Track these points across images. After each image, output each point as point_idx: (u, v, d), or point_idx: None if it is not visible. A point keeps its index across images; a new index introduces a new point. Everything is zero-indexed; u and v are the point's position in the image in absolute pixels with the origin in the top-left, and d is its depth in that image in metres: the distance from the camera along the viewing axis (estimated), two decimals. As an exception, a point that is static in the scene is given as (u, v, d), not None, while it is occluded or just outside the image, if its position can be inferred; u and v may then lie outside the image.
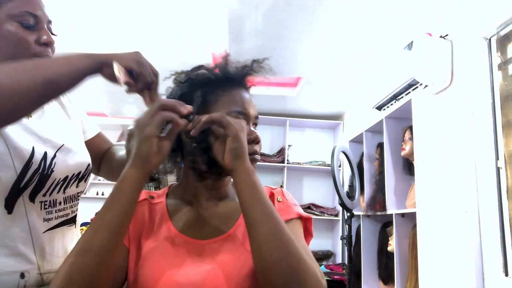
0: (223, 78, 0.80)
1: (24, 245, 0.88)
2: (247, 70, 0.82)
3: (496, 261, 1.75)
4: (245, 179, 0.67)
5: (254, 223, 0.64)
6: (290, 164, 4.21)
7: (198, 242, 0.74)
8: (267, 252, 0.62)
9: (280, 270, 0.61)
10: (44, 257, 0.92)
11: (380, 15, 2.31)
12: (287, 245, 0.62)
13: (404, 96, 2.43)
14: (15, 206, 0.87)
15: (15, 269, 0.86)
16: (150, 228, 0.77)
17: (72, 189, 0.99)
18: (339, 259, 3.93)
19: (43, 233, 0.92)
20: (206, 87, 0.79)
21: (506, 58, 1.86)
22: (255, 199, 0.65)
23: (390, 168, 2.42)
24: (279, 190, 0.83)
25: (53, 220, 0.95)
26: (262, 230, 0.63)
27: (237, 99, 0.79)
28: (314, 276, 0.62)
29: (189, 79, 0.80)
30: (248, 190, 0.66)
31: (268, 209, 0.65)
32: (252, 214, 0.64)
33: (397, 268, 2.18)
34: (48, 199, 0.93)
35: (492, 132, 1.86)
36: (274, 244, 0.62)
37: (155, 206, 0.80)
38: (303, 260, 0.62)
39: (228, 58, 0.82)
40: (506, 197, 1.77)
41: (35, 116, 0.95)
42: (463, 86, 2.06)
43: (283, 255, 0.61)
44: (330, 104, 4.01)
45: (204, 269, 0.69)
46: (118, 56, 0.79)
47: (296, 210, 0.78)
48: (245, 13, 2.33)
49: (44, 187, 0.91)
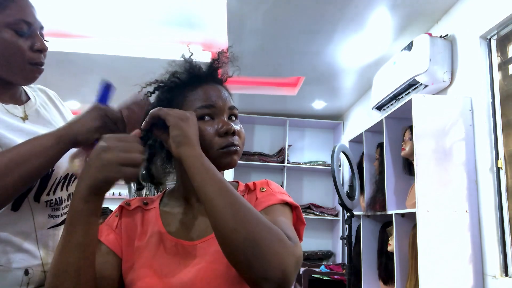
0: (188, 79, 0.80)
1: (29, 241, 0.90)
2: (213, 64, 0.82)
3: (496, 261, 1.75)
4: (192, 163, 0.66)
5: (207, 200, 0.63)
6: (290, 164, 4.20)
7: (189, 243, 0.74)
8: (223, 222, 0.61)
9: (238, 238, 0.59)
10: (48, 253, 0.93)
11: (380, 15, 2.31)
12: (243, 213, 0.62)
13: (404, 96, 2.43)
14: (21, 206, 0.89)
15: (20, 265, 0.88)
16: (143, 233, 0.78)
17: (74, 186, 1.00)
18: (339, 259, 3.93)
19: (47, 229, 0.94)
20: (174, 91, 0.80)
21: (506, 58, 1.86)
22: (205, 179, 0.65)
23: (390, 168, 2.42)
24: (263, 181, 0.82)
25: (59, 217, 0.97)
26: (216, 204, 0.62)
27: (202, 94, 0.78)
28: (278, 241, 0.61)
29: (159, 87, 0.81)
30: (198, 173, 0.65)
31: (221, 185, 0.64)
32: (205, 193, 0.64)
33: (397, 268, 2.18)
34: (52, 197, 0.95)
35: (492, 132, 1.86)
36: (229, 214, 0.61)
37: (148, 212, 0.81)
38: (262, 225, 0.61)
39: (192, 58, 0.82)
40: (506, 197, 1.77)
41: (31, 118, 0.96)
42: (463, 86, 2.06)
43: (238, 221, 0.60)
44: (330, 104, 4.01)
45: (194, 268, 0.70)
46: (78, 133, 0.83)
47: (279, 197, 0.76)
48: (245, 13, 2.33)
49: (47, 187, 0.93)
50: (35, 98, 1.03)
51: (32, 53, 0.91)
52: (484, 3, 1.92)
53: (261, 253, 0.59)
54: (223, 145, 0.75)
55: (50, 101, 1.08)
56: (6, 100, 0.95)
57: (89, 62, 3.12)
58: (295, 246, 0.63)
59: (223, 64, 0.82)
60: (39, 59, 0.93)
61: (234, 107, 0.81)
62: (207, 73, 0.81)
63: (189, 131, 0.69)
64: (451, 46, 2.18)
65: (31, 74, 0.94)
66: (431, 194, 1.88)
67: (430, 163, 1.91)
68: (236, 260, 0.61)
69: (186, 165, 0.67)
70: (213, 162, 0.70)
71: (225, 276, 0.68)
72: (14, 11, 0.88)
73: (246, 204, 0.64)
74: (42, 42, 0.93)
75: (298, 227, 0.78)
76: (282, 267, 0.59)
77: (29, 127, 0.93)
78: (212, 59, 0.82)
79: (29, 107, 0.99)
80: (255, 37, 2.63)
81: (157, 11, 2.53)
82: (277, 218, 0.69)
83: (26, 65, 0.91)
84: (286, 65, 3.08)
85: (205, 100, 0.77)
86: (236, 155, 0.77)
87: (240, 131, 0.79)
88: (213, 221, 0.63)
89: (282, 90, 3.73)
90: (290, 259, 0.60)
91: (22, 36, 0.89)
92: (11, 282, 0.86)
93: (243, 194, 0.81)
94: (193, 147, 0.68)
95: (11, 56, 0.89)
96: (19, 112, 0.95)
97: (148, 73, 0.78)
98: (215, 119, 0.77)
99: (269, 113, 4.36)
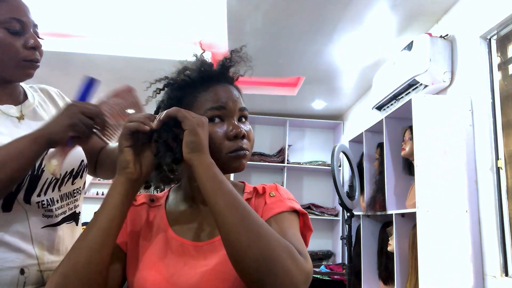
0: (198, 78, 0.78)
1: (24, 240, 0.90)
2: (226, 63, 0.80)
3: (496, 261, 1.75)
4: (204, 172, 0.66)
5: (219, 214, 0.63)
6: (290, 164, 4.20)
7: (195, 244, 0.74)
8: (236, 239, 0.60)
9: (251, 255, 0.59)
10: (43, 252, 0.93)
11: (380, 15, 2.31)
12: (255, 229, 0.61)
13: (404, 96, 2.43)
14: (13, 206, 0.89)
15: (15, 264, 0.87)
16: (148, 231, 0.78)
17: (68, 187, 1.00)
18: (339, 259, 3.93)
19: (41, 228, 0.93)
20: (185, 90, 0.78)
21: (506, 58, 1.86)
22: (216, 190, 0.64)
23: (390, 168, 2.42)
24: (272, 186, 0.81)
25: (53, 217, 0.96)
26: (228, 219, 0.62)
27: (213, 95, 0.76)
28: (290, 257, 0.60)
29: (169, 85, 0.80)
30: (209, 183, 0.65)
31: (232, 198, 0.64)
32: (216, 205, 0.63)
33: (397, 268, 2.18)
34: (43, 198, 0.94)
35: (492, 132, 1.86)
36: (241, 230, 0.60)
37: (154, 209, 0.81)
38: (274, 241, 0.61)
39: (204, 57, 0.81)
40: (506, 197, 1.77)
41: (27, 118, 0.97)
42: (463, 86, 2.07)
43: (252, 239, 0.60)
44: (330, 104, 4.01)
45: (200, 270, 0.69)
46: (52, 132, 0.83)
47: (289, 204, 0.75)
48: (245, 13, 2.33)
49: (36, 188, 0.92)
50: (34, 97, 1.03)
51: (26, 50, 0.92)
52: (484, 3, 1.92)
53: (274, 270, 0.59)
54: (232, 149, 0.74)
55: (50, 100, 1.08)
56: (3, 100, 0.95)
57: (89, 62, 3.12)
58: (305, 261, 0.63)
59: (235, 63, 0.80)
60: (33, 56, 0.94)
61: (245, 108, 0.79)
62: (218, 73, 0.79)
63: (203, 138, 0.68)
64: (451, 46, 2.18)
65: (26, 71, 0.95)
66: (431, 194, 1.88)
67: (430, 163, 1.91)
68: (248, 276, 0.61)
69: (196, 172, 0.66)
70: (221, 165, 0.70)
71: (232, 280, 0.67)
72: (5, 10, 0.90)
73: (258, 219, 0.63)
74: (35, 39, 0.94)
75: (305, 233, 0.78)
76: (293, 285, 0.59)
77: (24, 126, 0.93)
78: (224, 58, 0.80)
79: (26, 106, 0.99)
80: (255, 37, 2.63)
81: (157, 11, 2.53)
82: (287, 230, 0.69)
83: (21, 62, 0.92)
84: (286, 65, 3.08)
85: (216, 102, 0.75)
86: (244, 159, 0.76)
87: (249, 133, 0.78)
88: (225, 236, 0.62)
89: (282, 90, 3.73)
90: (301, 276, 0.60)
91: (15, 34, 0.91)
92: (7, 282, 0.86)
93: (251, 197, 0.80)
94: (205, 155, 0.67)
95: (5, 54, 0.90)
96: (14, 112, 0.96)
97: (148, 73, 0.78)
98: (225, 121, 0.76)
99: (269, 113, 4.36)
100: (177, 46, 2.94)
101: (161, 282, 0.69)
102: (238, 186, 0.84)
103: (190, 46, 2.93)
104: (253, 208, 0.77)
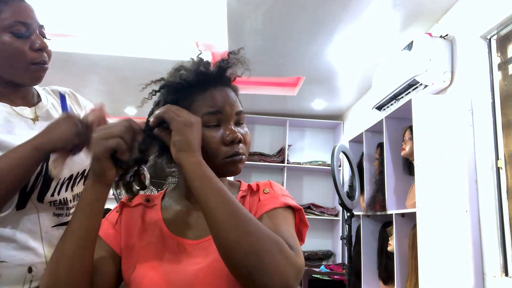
0: (195, 81, 0.76)
1: (33, 239, 0.91)
2: (223, 65, 0.78)
3: (496, 261, 1.75)
4: (193, 171, 0.66)
5: (208, 211, 0.63)
6: (290, 164, 4.20)
7: (190, 242, 0.75)
8: (225, 234, 0.61)
9: (240, 250, 0.60)
10: (51, 250, 0.93)
11: (380, 15, 2.31)
12: (244, 225, 0.62)
13: (404, 96, 2.43)
14: (26, 205, 0.90)
15: (23, 262, 0.89)
16: (143, 231, 0.78)
17: (80, 187, 1.02)
18: (339, 259, 3.93)
19: (52, 227, 0.95)
20: (181, 93, 0.76)
21: (506, 58, 1.86)
22: (205, 188, 0.65)
23: (390, 168, 2.42)
24: (266, 182, 0.81)
25: (64, 216, 0.98)
26: (218, 215, 0.62)
27: (209, 99, 0.75)
28: (280, 252, 0.61)
29: (165, 86, 0.78)
30: (198, 181, 0.66)
31: (221, 196, 0.64)
32: (205, 203, 0.64)
33: (397, 268, 2.18)
34: (57, 198, 0.96)
35: (492, 132, 1.86)
36: (230, 226, 0.61)
37: (150, 209, 0.81)
38: (264, 236, 0.61)
39: (201, 58, 0.79)
40: (506, 197, 1.77)
41: (41, 119, 0.98)
42: (463, 86, 2.07)
43: (241, 235, 0.61)
44: (330, 104, 4.01)
45: (195, 268, 0.70)
46: (58, 139, 0.84)
47: (282, 200, 0.76)
48: (245, 13, 2.33)
49: (50, 188, 0.93)
50: (47, 99, 1.04)
51: (33, 52, 0.92)
52: (484, 3, 1.92)
53: (263, 265, 0.59)
54: (228, 155, 0.74)
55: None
56: (17, 102, 0.96)
57: (89, 62, 3.12)
58: (296, 256, 0.63)
59: (232, 65, 0.79)
60: (41, 58, 0.94)
61: (241, 112, 0.78)
62: (215, 75, 0.78)
63: (191, 138, 0.68)
64: (451, 46, 2.18)
65: (35, 74, 0.95)
66: (431, 194, 1.88)
67: (430, 163, 1.91)
68: (238, 272, 0.62)
69: (185, 171, 0.67)
70: (217, 170, 0.70)
71: (226, 276, 0.68)
72: (9, 14, 0.90)
73: (247, 214, 0.64)
74: (41, 40, 0.94)
75: (301, 229, 0.78)
76: (283, 280, 0.60)
77: (39, 128, 0.94)
78: (221, 59, 0.79)
79: (40, 108, 1.00)
80: (255, 37, 2.63)
81: (157, 11, 2.53)
82: (280, 227, 0.69)
83: (29, 65, 0.92)
84: (286, 65, 3.08)
85: (212, 106, 0.75)
86: (241, 164, 0.76)
87: (245, 137, 0.78)
88: (215, 233, 0.63)
89: (282, 90, 3.73)
90: (292, 271, 0.61)
91: (21, 37, 0.91)
92: (14, 279, 0.88)
93: (245, 195, 0.80)
94: (193, 153, 0.68)
95: (13, 58, 0.90)
96: (28, 113, 0.97)
97: (148, 73, 0.78)
98: (222, 125, 0.75)
99: (269, 113, 4.36)
100: (177, 46, 2.94)
101: (157, 280, 0.69)
102: (234, 185, 0.85)
103: (190, 46, 2.93)
104: (248, 205, 0.78)
